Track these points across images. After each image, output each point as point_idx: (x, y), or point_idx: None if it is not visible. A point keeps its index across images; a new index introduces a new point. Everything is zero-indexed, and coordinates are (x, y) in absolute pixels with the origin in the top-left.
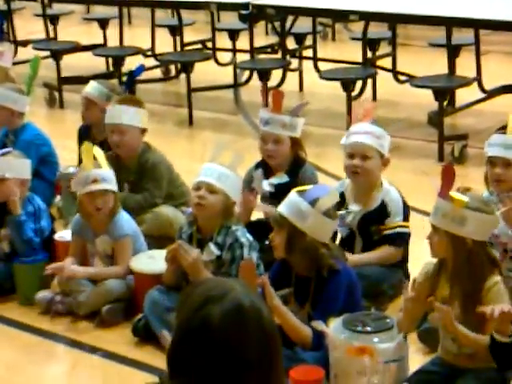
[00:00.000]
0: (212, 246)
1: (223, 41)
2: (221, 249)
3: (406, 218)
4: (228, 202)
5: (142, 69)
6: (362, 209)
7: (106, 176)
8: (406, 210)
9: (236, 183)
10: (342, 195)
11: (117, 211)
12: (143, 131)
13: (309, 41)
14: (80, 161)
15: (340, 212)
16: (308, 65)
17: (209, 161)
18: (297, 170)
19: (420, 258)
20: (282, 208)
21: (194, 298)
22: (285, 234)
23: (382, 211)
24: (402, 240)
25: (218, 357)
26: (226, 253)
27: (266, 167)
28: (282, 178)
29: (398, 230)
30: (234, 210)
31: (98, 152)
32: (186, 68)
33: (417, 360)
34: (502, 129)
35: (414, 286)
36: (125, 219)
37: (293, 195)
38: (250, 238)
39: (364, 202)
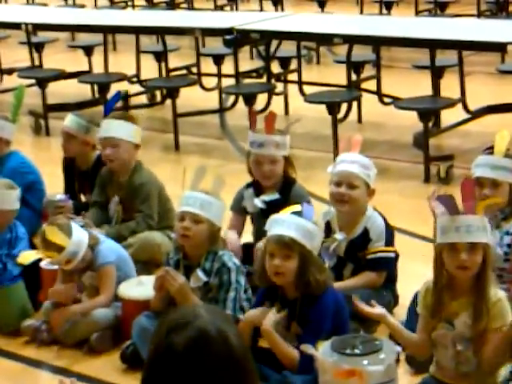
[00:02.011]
0: (199, 273)
1: (208, 66)
2: (208, 274)
3: (389, 242)
4: (213, 228)
5: (118, 96)
6: (346, 237)
7: (73, 250)
8: (390, 234)
9: (219, 209)
10: (328, 224)
11: (96, 244)
12: (136, 147)
13: (293, 64)
14: (66, 190)
15: (324, 243)
16: (293, 88)
17: (190, 188)
18: (288, 188)
19: (407, 279)
20: (289, 232)
21: (162, 325)
22: (296, 257)
23: (365, 237)
24: (384, 264)
25: (186, 383)
26: (214, 278)
27: (256, 186)
28: (273, 196)
29: (380, 254)
30: (220, 235)
31: (51, 234)
32: (172, 93)
33: (405, 381)
34: (489, 149)
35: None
36: (106, 247)
37: (293, 218)
38: (237, 262)
39: (348, 230)
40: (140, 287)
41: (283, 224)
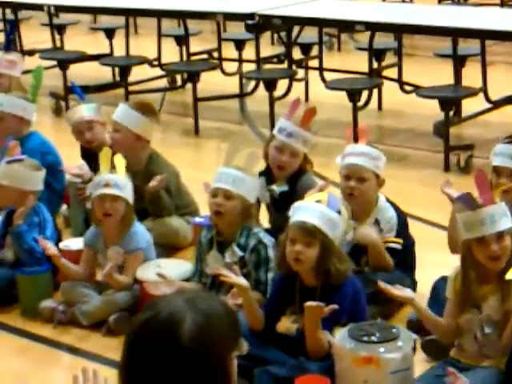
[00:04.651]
0: (235, 248)
1: (229, 51)
2: (243, 250)
3: (401, 232)
4: (246, 204)
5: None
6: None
7: (118, 182)
8: (403, 224)
9: (252, 184)
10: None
11: (131, 222)
12: (139, 138)
13: (315, 51)
14: None
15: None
16: (314, 75)
17: (223, 165)
18: (296, 179)
19: (426, 268)
20: (312, 219)
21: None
22: (317, 245)
23: (376, 228)
24: (390, 255)
25: None
26: (250, 254)
27: (268, 176)
28: (281, 187)
29: (389, 245)
30: (253, 211)
31: (118, 159)
32: (192, 78)
33: (421, 369)
34: (508, 138)
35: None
36: (140, 231)
37: (318, 206)
38: (271, 238)
39: (360, 220)
40: (158, 270)
41: (307, 211)
